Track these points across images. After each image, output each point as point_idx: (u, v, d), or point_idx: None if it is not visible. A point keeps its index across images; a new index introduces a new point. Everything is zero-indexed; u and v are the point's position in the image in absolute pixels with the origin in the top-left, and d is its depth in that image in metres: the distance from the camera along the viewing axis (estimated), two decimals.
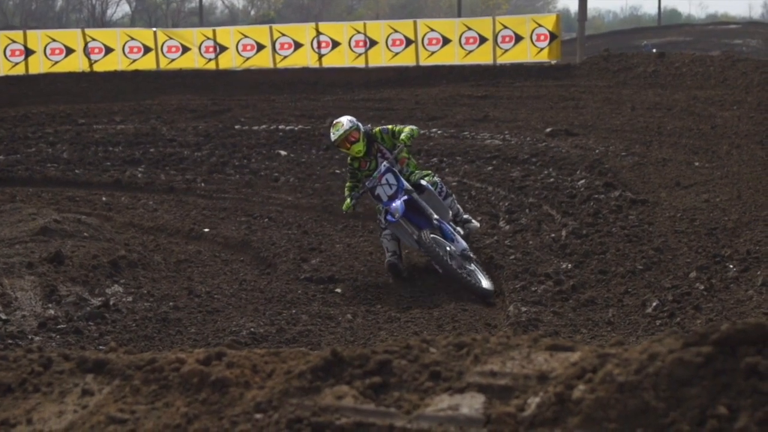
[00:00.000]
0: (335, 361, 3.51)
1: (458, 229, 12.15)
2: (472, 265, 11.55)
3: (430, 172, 13.01)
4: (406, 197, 11.84)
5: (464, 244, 11.77)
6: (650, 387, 2.95)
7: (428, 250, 11.32)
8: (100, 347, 8.59)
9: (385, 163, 12.20)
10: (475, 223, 12.67)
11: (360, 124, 12.62)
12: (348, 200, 12.38)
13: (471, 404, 3.16)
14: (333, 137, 12.61)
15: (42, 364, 3.84)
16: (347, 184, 12.80)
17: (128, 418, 3.41)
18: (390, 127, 12.67)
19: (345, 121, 12.59)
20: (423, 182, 12.25)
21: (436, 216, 11.81)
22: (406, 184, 12.02)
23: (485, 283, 11.26)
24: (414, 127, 12.58)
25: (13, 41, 27.25)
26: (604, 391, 3.00)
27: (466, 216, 12.73)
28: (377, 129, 12.71)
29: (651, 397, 2.93)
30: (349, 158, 12.80)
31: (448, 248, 11.50)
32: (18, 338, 8.96)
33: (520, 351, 3.42)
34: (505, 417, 3.06)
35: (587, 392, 3.03)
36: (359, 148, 12.46)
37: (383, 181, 12.05)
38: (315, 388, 3.40)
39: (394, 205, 11.80)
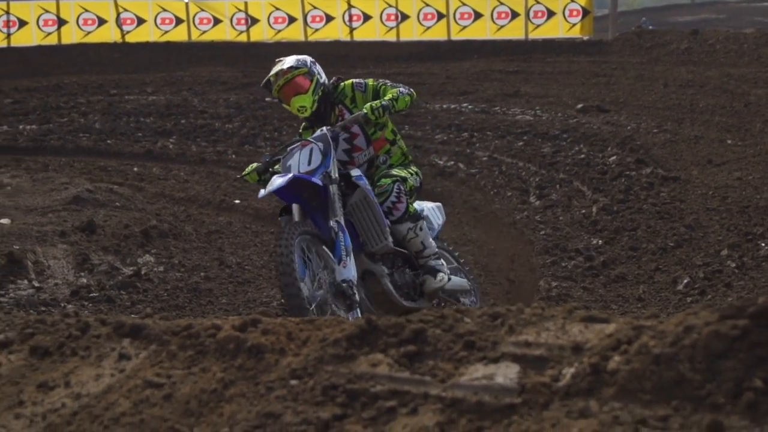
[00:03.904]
0: (370, 329, 3.53)
1: (407, 271, 8.40)
2: (342, 311, 7.51)
3: (409, 173, 8.56)
4: (301, 177, 7.67)
5: (351, 274, 7.56)
6: (686, 359, 2.96)
7: (276, 259, 7.25)
8: (133, 315, 8.66)
9: (325, 128, 8.06)
10: (441, 279, 8.38)
11: (317, 69, 8.39)
12: (254, 165, 8.43)
13: (506, 374, 3.17)
14: (268, 83, 8.41)
15: (79, 328, 3.88)
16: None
17: (165, 382, 3.45)
18: (370, 82, 8.42)
19: (290, 60, 8.37)
20: (361, 182, 8.08)
21: (339, 220, 7.69)
22: (334, 174, 7.88)
23: None
24: (407, 91, 8.29)
25: (46, 11, 27.29)
26: (639, 363, 3.01)
27: (437, 262, 8.48)
28: (348, 82, 8.43)
29: (687, 369, 2.94)
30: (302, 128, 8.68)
31: (315, 270, 7.53)
32: (51, 306, 9.05)
33: (555, 322, 3.44)
34: (540, 387, 3.08)
35: (622, 363, 3.05)
36: (304, 103, 8.19)
37: (304, 152, 7.85)
38: (350, 356, 3.43)
39: (275, 178, 7.73)
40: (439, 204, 9.28)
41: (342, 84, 8.46)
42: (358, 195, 8.05)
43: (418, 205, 8.65)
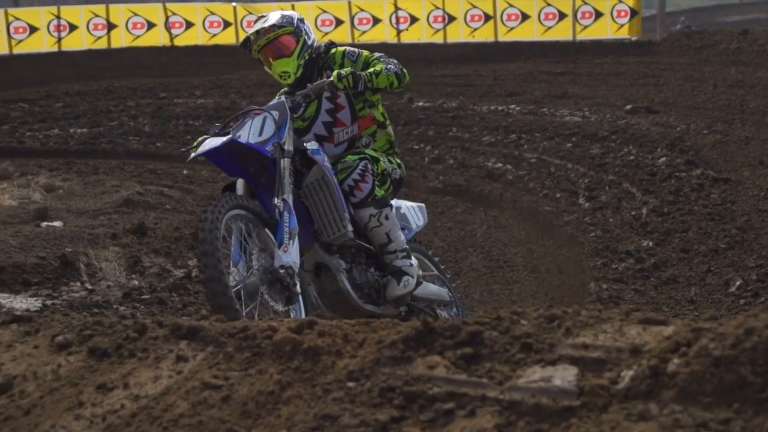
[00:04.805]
0: (426, 331, 3.54)
1: (370, 271, 7.19)
2: (280, 304, 6.41)
3: (389, 160, 7.38)
4: (239, 141, 6.63)
5: (291, 260, 6.42)
6: (747, 362, 2.94)
7: (197, 236, 6.18)
8: (184, 317, 8.71)
9: (283, 96, 7.13)
10: (406, 283, 7.10)
11: (306, 27, 7.39)
12: (201, 138, 6.98)
13: (564, 376, 3.17)
14: (247, 42, 7.43)
15: (137, 330, 3.91)
16: None
17: (222, 384, 3.47)
18: (365, 53, 7.35)
19: (274, 16, 7.37)
20: (318, 156, 6.91)
21: (287, 198, 6.54)
22: (289, 146, 6.77)
23: None
24: (396, 69, 7.13)
25: (96, 15, 27.52)
26: (699, 365, 2.99)
27: (405, 263, 7.19)
28: (341, 49, 7.40)
29: (748, 371, 2.92)
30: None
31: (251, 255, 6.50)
32: (103, 307, 9.11)
33: (612, 324, 3.42)
34: (599, 389, 3.07)
35: (682, 366, 3.03)
36: (287, 68, 7.22)
37: (256, 121, 6.82)
38: (407, 358, 3.43)
39: (210, 139, 6.70)
40: (421, 205, 8.17)
41: (334, 49, 7.37)
42: (315, 174, 6.91)
43: (395, 202, 7.54)
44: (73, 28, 27.34)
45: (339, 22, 28.22)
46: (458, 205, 14.31)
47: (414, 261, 7.34)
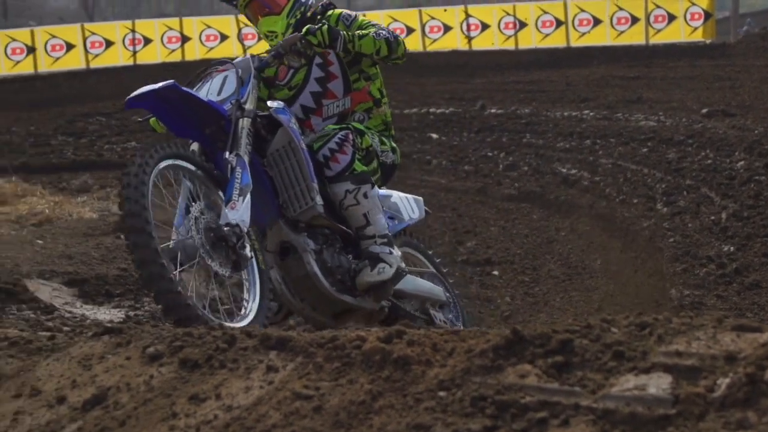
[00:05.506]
0: (516, 339, 3.52)
1: (346, 256, 6.31)
2: (226, 269, 5.51)
3: (381, 140, 6.62)
4: (180, 87, 5.67)
5: (238, 217, 5.45)
6: None
7: (121, 192, 5.17)
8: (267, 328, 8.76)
9: (249, 55, 6.30)
10: (381, 270, 6.21)
11: None
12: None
13: (658, 384, 3.14)
14: None
15: (226, 341, 3.94)
16: None
17: (314, 394, 3.49)
18: (361, 18, 6.68)
19: None
20: (283, 117, 6.12)
21: (241, 154, 5.64)
22: (250, 105, 5.90)
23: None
24: (387, 35, 6.43)
25: (170, 28, 27.87)
26: None
27: (383, 249, 6.30)
28: (338, 11, 6.66)
29: None
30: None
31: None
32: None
33: (705, 331, 3.39)
34: (695, 397, 3.04)
35: None
36: (274, 27, 6.55)
37: (216, 80, 6.05)
38: (497, 367, 3.42)
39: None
40: (419, 198, 7.29)
41: (331, 11, 6.61)
42: (281, 139, 6.06)
43: (385, 191, 6.76)
44: (147, 41, 27.70)
45: (410, 31, 28.27)
46: (534, 212, 14.27)
47: (397, 251, 6.41)
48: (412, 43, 28.13)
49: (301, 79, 6.54)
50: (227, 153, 5.60)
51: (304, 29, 6.15)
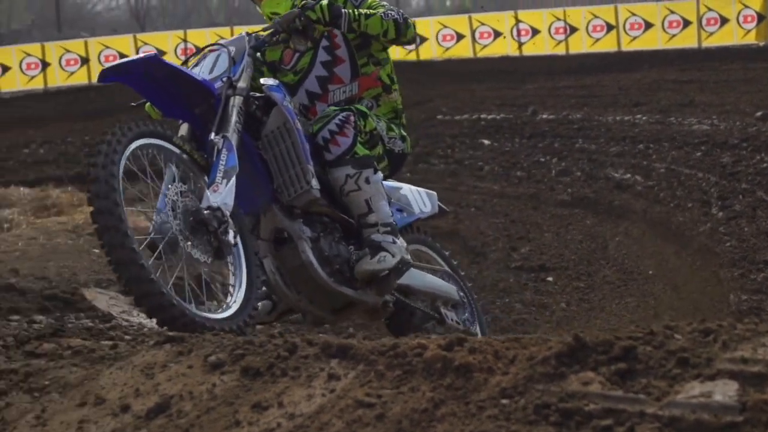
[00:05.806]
0: (579, 347, 3.50)
1: (345, 245, 5.95)
2: (207, 255, 5.14)
3: (388, 126, 6.30)
4: (163, 60, 5.41)
5: (220, 200, 5.07)
6: None
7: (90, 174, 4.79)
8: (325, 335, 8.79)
9: (245, 33, 5.96)
10: (382, 259, 5.78)
11: None
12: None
13: (724, 391, 3.11)
14: None
15: (287, 349, 3.95)
16: None
17: (375, 402, 3.49)
18: None
19: None
20: (277, 95, 5.79)
21: (228, 135, 5.28)
22: (242, 84, 5.57)
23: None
24: (396, 15, 6.06)
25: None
26: None
27: (386, 238, 5.89)
28: None
29: None
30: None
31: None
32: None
33: None
34: (763, 404, 3.01)
35: None
36: (278, 8, 6.20)
37: (209, 59, 5.78)
38: (560, 374, 3.40)
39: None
40: (432, 192, 6.90)
41: None
42: (275, 120, 5.73)
43: (394, 183, 6.47)
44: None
45: (460, 37, 28.26)
46: (588, 218, 14.20)
47: (401, 242, 6.01)
48: (462, 50, 28.15)
49: (306, 63, 6.20)
50: (212, 134, 5.29)
51: (301, 4, 5.84)
